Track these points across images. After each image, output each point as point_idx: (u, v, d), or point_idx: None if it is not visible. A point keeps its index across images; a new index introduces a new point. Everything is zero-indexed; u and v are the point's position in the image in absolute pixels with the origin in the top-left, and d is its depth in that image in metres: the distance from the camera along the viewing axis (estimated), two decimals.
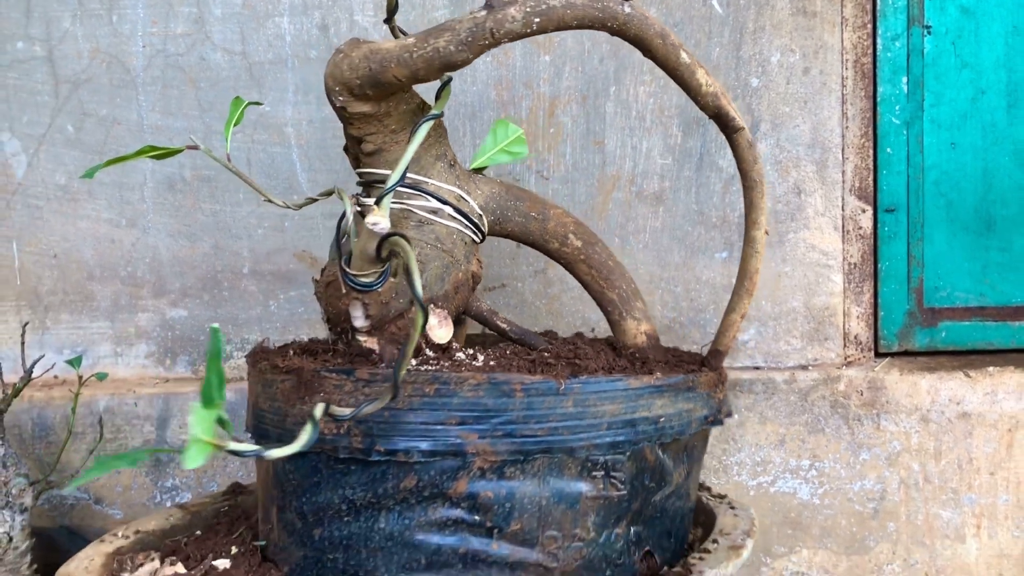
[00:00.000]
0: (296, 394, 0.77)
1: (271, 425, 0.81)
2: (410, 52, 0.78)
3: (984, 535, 1.24)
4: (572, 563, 0.79)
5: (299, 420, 0.78)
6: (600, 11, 0.79)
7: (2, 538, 1.03)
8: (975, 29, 1.23)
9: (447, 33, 0.77)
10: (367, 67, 0.79)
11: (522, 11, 0.77)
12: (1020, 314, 1.27)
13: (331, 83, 0.81)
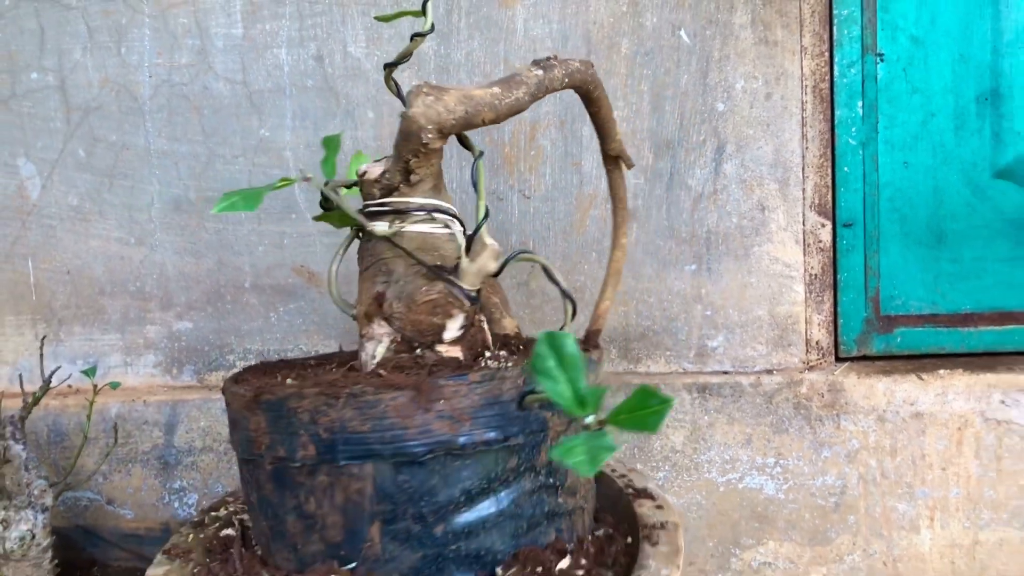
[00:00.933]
0: (416, 405, 0.82)
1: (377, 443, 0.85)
2: (499, 100, 0.91)
3: (937, 526, 1.33)
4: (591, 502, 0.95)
5: (423, 430, 0.83)
6: (590, 77, 0.99)
7: (26, 535, 1.12)
8: (924, 57, 1.32)
9: (522, 87, 0.92)
10: (464, 110, 0.90)
11: (561, 73, 0.95)
12: (969, 321, 1.37)
13: (423, 122, 0.90)
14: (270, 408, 0.84)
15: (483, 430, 0.84)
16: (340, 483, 0.84)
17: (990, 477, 1.31)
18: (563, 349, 0.73)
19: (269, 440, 0.84)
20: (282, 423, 0.84)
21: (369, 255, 0.93)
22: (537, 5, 1.32)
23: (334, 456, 0.83)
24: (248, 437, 0.86)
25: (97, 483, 1.39)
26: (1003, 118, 1.32)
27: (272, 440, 0.84)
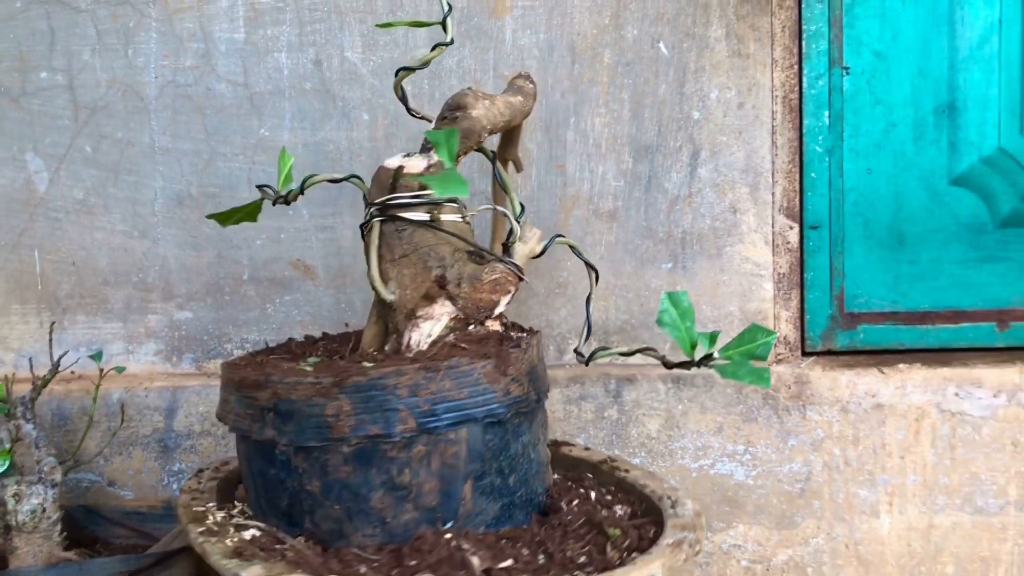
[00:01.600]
0: (498, 371, 0.93)
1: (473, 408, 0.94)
2: (524, 107, 1.08)
3: (895, 511, 1.41)
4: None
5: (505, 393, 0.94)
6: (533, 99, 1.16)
7: (37, 509, 1.18)
8: (887, 71, 1.41)
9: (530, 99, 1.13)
10: (508, 114, 1.02)
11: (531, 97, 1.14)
12: (927, 319, 1.46)
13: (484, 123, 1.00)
14: (359, 390, 0.90)
15: (531, 391, 0.98)
16: (438, 450, 0.92)
17: (944, 465, 1.40)
18: (680, 303, 0.90)
19: (355, 421, 0.90)
20: (374, 402, 0.90)
21: (406, 243, 1.00)
22: (525, 16, 1.40)
23: (436, 425, 0.91)
24: (321, 423, 0.91)
25: (98, 465, 1.45)
26: (959, 129, 1.41)
27: (359, 421, 0.90)
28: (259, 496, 1.00)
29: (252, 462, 1.00)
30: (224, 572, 0.86)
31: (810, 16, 1.40)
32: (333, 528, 0.94)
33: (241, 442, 1.03)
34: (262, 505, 1.00)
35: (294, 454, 0.94)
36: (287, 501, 0.96)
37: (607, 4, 1.40)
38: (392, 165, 1.04)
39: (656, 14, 1.39)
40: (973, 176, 1.42)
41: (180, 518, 1.02)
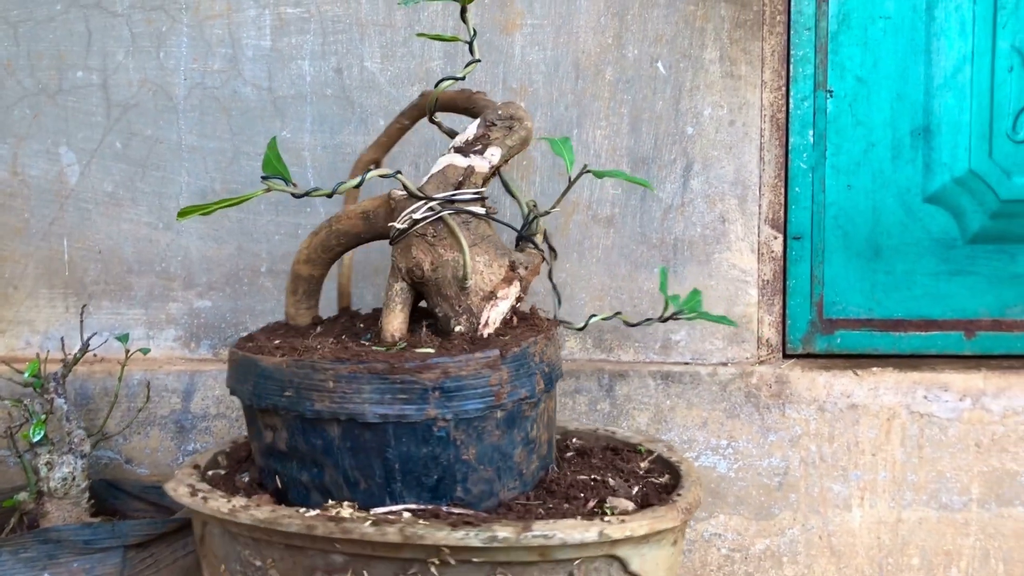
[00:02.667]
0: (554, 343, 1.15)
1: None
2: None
3: (867, 505, 1.51)
4: None
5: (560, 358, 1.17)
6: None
7: (68, 477, 1.27)
8: (867, 95, 1.52)
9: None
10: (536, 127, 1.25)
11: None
12: (900, 326, 1.56)
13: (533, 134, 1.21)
14: (515, 360, 1.05)
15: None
16: (548, 406, 1.12)
17: (913, 463, 1.50)
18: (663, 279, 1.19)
19: (511, 388, 1.05)
20: (523, 369, 1.06)
21: (473, 233, 1.13)
22: (534, 34, 1.51)
23: (550, 386, 1.12)
24: (486, 393, 1.03)
25: (117, 443, 1.54)
26: (933, 150, 1.52)
27: (514, 387, 1.05)
28: (389, 480, 1.04)
29: (391, 448, 1.03)
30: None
31: (798, 42, 1.51)
32: (484, 489, 1.06)
33: (367, 430, 1.03)
34: (393, 489, 1.04)
35: (455, 427, 1.03)
36: (437, 476, 1.04)
37: (610, 25, 1.50)
38: (461, 164, 1.13)
39: (655, 36, 1.50)
40: (945, 195, 1.53)
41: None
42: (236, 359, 1.11)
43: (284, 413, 1.04)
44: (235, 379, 1.11)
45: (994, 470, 1.48)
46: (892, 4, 1.50)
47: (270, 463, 1.10)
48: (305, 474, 1.06)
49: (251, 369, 1.07)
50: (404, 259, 1.14)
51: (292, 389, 1.02)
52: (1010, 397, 1.48)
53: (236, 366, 1.11)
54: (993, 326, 1.54)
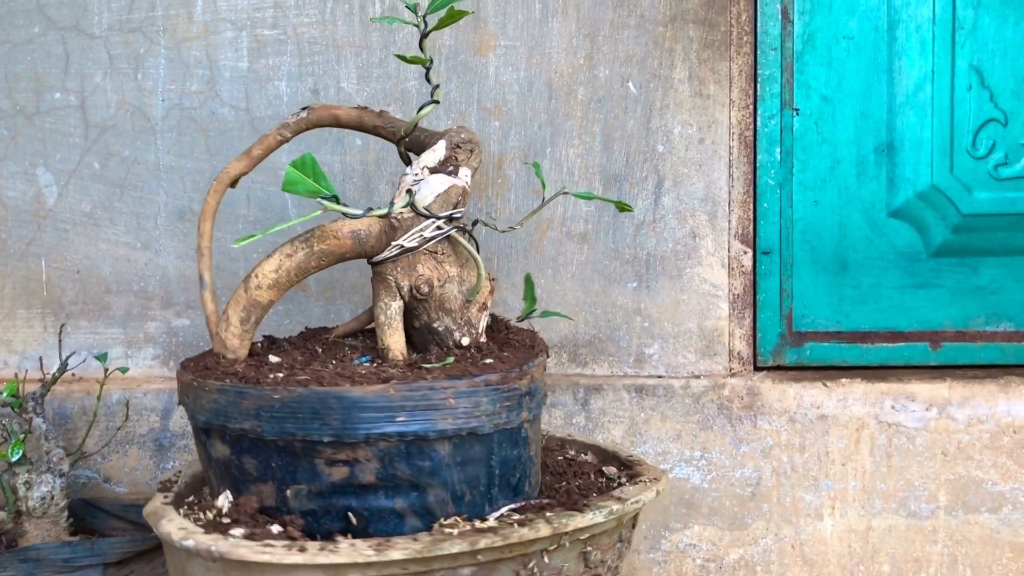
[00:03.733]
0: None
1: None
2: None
3: (837, 514, 1.54)
4: None
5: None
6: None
7: (46, 496, 1.27)
8: (832, 113, 1.57)
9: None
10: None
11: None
12: (867, 338, 1.60)
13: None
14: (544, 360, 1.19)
15: None
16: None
17: (882, 472, 1.53)
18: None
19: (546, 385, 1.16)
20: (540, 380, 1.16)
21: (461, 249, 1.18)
22: (507, 54, 1.54)
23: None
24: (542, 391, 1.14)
25: (95, 462, 1.54)
26: (896, 167, 1.57)
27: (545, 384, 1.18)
28: (490, 487, 1.07)
29: (495, 455, 1.06)
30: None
31: (764, 62, 1.56)
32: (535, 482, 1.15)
33: (478, 442, 1.05)
34: (492, 495, 1.07)
35: (530, 428, 1.12)
36: (519, 475, 1.10)
37: (582, 46, 1.54)
38: (460, 184, 1.17)
39: (626, 56, 1.54)
40: (909, 210, 1.57)
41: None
42: (301, 395, 1.00)
43: (379, 442, 1.01)
44: (301, 417, 1.01)
45: (960, 478, 1.52)
46: (855, 24, 1.55)
47: (334, 501, 1.03)
48: (399, 501, 1.03)
49: (332, 403, 1.00)
50: (406, 277, 1.15)
51: (405, 414, 1.00)
52: (974, 406, 1.52)
53: (301, 401, 1.00)
54: (957, 337, 1.58)
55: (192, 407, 1.09)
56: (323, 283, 1.57)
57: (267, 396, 1.00)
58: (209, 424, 1.06)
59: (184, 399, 1.11)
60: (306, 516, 1.04)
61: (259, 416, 1.01)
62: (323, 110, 1.26)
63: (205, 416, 1.06)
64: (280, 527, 1.02)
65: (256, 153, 1.25)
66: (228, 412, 1.03)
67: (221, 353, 1.13)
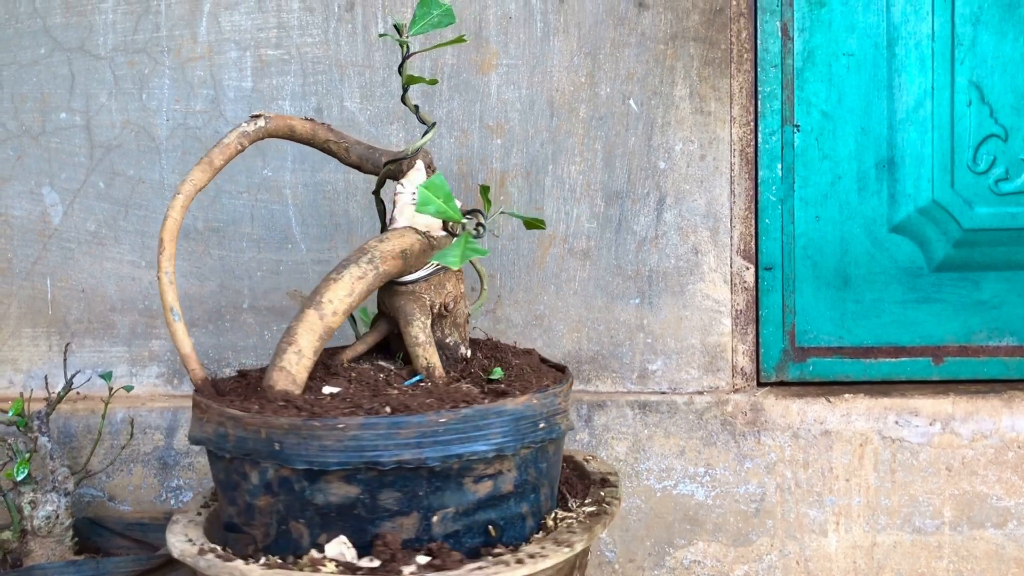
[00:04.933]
0: None
1: None
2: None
3: (842, 530, 1.54)
4: None
5: None
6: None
7: (51, 515, 1.28)
8: (833, 129, 1.57)
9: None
10: None
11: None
12: (870, 353, 1.60)
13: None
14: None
15: None
16: None
17: (886, 487, 1.53)
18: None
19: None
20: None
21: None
22: (509, 73, 1.55)
23: None
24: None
25: (100, 481, 1.54)
26: (897, 182, 1.57)
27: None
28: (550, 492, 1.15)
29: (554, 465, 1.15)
30: None
31: (765, 79, 1.56)
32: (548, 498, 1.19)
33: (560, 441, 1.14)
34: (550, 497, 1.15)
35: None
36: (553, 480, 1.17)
37: (583, 64, 1.55)
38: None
39: (627, 74, 1.55)
40: (910, 225, 1.58)
41: None
42: (465, 415, 1.01)
43: (523, 450, 1.05)
44: (464, 438, 1.01)
45: (965, 493, 1.52)
46: (855, 41, 1.56)
47: (477, 517, 1.05)
48: (525, 504, 1.09)
49: (492, 418, 1.03)
50: (437, 294, 1.18)
51: (543, 420, 1.08)
52: (978, 421, 1.52)
53: (465, 421, 1.01)
54: (960, 352, 1.59)
55: (296, 452, 0.99)
56: None
57: (431, 421, 0.99)
58: (342, 464, 0.99)
59: (269, 446, 0.99)
60: (449, 539, 1.03)
61: (420, 444, 0.99)
62: (279, 119, 1.20)
63: (334, 457, 0.98)
64: (428, 556, 1.00)
65: (218, 163, 1.17)
66: (375, 446, 0.98)
67: (284, 389, 1.05)
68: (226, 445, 1.02)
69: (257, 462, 1.01)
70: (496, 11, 1.54)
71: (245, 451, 1.01)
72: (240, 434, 1.01)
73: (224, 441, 1.02)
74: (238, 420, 1.01)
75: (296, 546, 1.03)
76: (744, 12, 1.55)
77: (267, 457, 1.00)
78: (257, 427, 0.99)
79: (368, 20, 1.55)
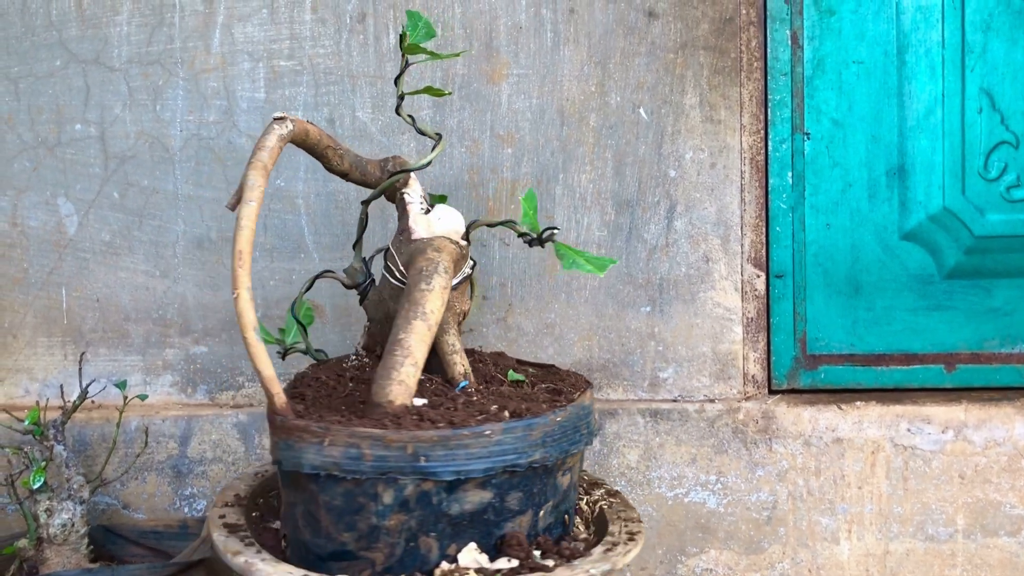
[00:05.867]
0: None
1: None
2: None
3: (854, 538, 1.54)
4: None
5: None
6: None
7: (67, 523, 1.29)
8: (843, 137, 1.57)
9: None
10: None
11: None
12: (881, 361, 1.60)
13: None
14: None
15: None
16: None
17: (898, 495, 1.53)
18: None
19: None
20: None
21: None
22: (519, 83, 1.56)
23: None
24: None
25: (114, 489, 1.55)
26: (908, 189, 1.57)
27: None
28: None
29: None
30: None
31: (775, 87, 1.57)
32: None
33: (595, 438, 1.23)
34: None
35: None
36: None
37: (593, 73, 1.55)
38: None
39: (637, 83, 1.55)
40: (921, 232, 1.58)
41: None
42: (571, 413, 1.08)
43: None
44: (569, 435, 1.07)
45: (978, 501, 1.51)
46: (865, 49, 1.56)
47: (561, 508, 1.11)
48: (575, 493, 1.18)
49: (588, 417, 1.12)
50: (460, 303, 1.22)
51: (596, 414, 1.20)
52: (991, 428, 1.51)
53: (569, 419, 1.07)
54: (972, 359, 1.58)
55: (444, 463, 0.99)
56: (339, 309, 1.59)
57: (551, 421, 1.05)
58: (486, 471, 1.01)
59: (414, 460, 0.99)
60: (546, 531, 1.08)
61: (544, 443, 1.04)
62: (299, 123, 1.19)
63: (479, 464, 1.00)
64: (538, 550, 1.06)
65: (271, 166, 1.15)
66: (515, 449, 1.01)
67: (404, 403, 1.04)
68: (360, 466, 0.99)
69: (395, 479, 0.99)
70: (506, 21, 1.55)
71: (384, 469, 0.99)
72: (380, 452, 0.98)
73: (358, 462, 0.99)
74: (378, 439, 0.98)
75: (424, 561, 1.02)
76: (754, 21, 1.56)
77: (409, 472, 0.99)
78: (404, 443, 0.98)
79: (380, 31, 1.56)
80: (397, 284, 1.21)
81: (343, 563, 1.03)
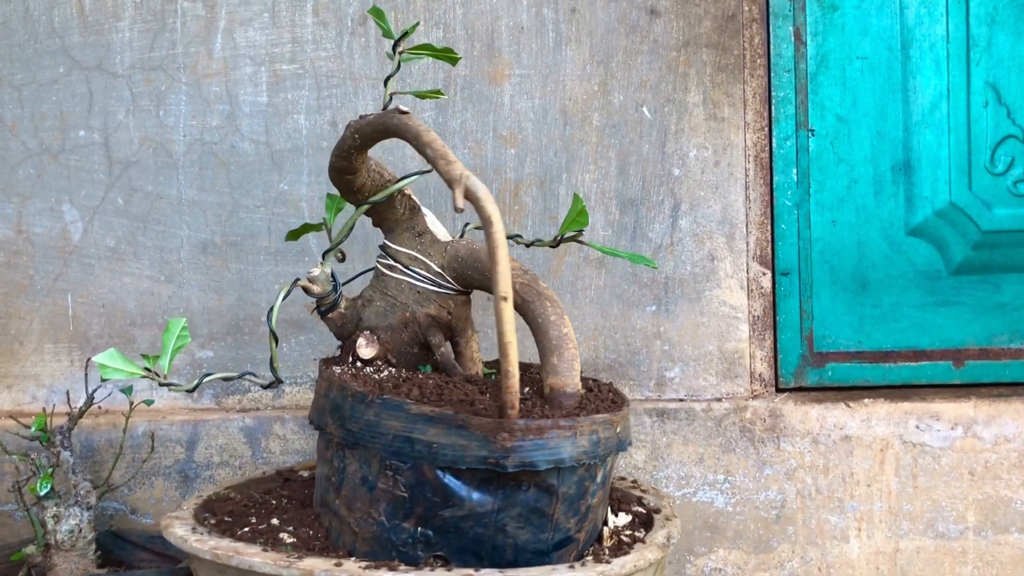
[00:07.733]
0: None
1: None
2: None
3: (864, 536, 1.53)
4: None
5: None
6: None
7: (74, 529, 1.29)
8: (848, 133, 1.57)
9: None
10: None
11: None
12: (889, 357, 1.59)
13: None
14: None
15: None
16: None
17: (908, 492, 1.52)
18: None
19: None
20: None
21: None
22: (522, 83, 1.56)
23: None
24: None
25: (122, 494, 1.56)
26: (914, 185, 1.56)
27: None
28: None
29: None
30: None
31: (778, 84, 1.56)
32: None
33: None
34: None
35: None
36: None
37: (596, 72, 1.55)
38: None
39: (640, 81, 1.55)
40: (928, 228, 1.57)
41: None
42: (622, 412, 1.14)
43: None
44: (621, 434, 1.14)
45: (988, 497, 1.50)
46: (868, 44, 1.55)
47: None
48: None
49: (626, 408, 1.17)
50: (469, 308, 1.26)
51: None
52: (1001, 424, 1.50)
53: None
54: (981, 355, 1.57)
55: (625, 439, 1.11)
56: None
57: (626, 415, 1.16)
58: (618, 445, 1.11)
59: (615, 439, 1.08)
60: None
61: (624, 431, 1.14)
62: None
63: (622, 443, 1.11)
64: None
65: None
66: (620, 434, 1.11)
67: (579, 389, 1.11)
68: (597, 451, 1.06)
69: (605, 459, 1.09)
70: (508, 22, 1.55)
71: (609, 450, 1.08)
72: (607, 434, 1.07)
73: (597, 447, 1.06)
74: (608, 423, 1.07)
75: (596, 530, 1.13)
76: (756, 17, 1.55)
77: (616, 450, 1.10)
78: (615, 423, 1.09)
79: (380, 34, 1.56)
80: (429, 288, 1.19)
81: (563, 550, 1.07)
